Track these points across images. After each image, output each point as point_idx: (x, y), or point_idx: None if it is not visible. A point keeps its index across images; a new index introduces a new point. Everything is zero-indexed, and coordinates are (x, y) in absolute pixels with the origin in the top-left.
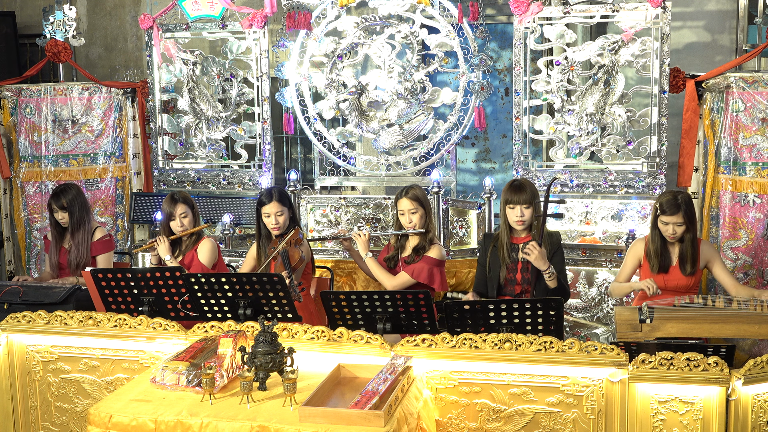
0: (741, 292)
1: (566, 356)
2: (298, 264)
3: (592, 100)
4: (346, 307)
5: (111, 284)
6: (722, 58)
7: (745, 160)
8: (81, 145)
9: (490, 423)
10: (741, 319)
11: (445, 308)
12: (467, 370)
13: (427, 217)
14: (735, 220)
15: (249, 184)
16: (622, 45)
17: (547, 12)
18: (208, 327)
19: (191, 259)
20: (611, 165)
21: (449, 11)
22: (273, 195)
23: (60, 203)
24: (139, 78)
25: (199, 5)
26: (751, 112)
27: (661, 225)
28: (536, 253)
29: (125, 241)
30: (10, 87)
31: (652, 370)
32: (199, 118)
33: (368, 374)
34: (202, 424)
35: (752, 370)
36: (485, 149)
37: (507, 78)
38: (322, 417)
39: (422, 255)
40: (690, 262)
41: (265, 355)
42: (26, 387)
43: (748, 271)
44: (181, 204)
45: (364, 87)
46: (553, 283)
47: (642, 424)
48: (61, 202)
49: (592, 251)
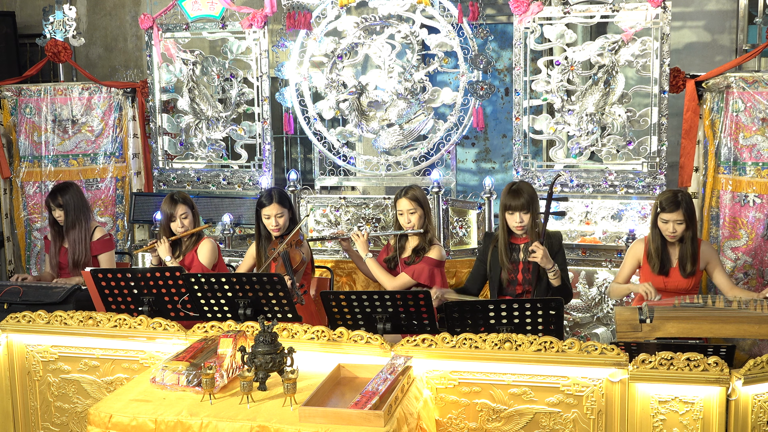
0: (737, 295)
1: (566, 356)
2: (300, 266)
3: (592, 100)
4: (346, 307)
5: (111, 284)
6: (722, 58)
7: (745, 160)
8: (81, 145)
9: (490, 423)
10: (741, 319)
11: (445, 308)
12: (467, 370)
13: (426, 218)
14: (735, 220)
15: (249, 184)
16: (622, 45)
17: (547, 12)
18: (208, 327)
19: (191, 259)
20: (611, 165)
21: (449, 11)
22: (273, 196)
23: (56, 201)
24: (139, 78)
25: (199, 5)
26: (751, 112)
27: (661, 224)
28: (541, 252)
29: (125, 241)
30: (10, 87)
31: (652, 370)
32: (199, 118)
33: (368, 374)
34: (202, 424)
35: (752, 370)
36: (485, 149)
37: (507, 78)
38: (322, 417)
39: (422, 256)
40: (690, 261)
41: (265, 355)
42: (26, 387)
43: (748, 271)
44: (181, 205)
45: (364, 87)
46: (557, 281)
47: (642, 424)
48: (58, 200)
49: (592, 251)
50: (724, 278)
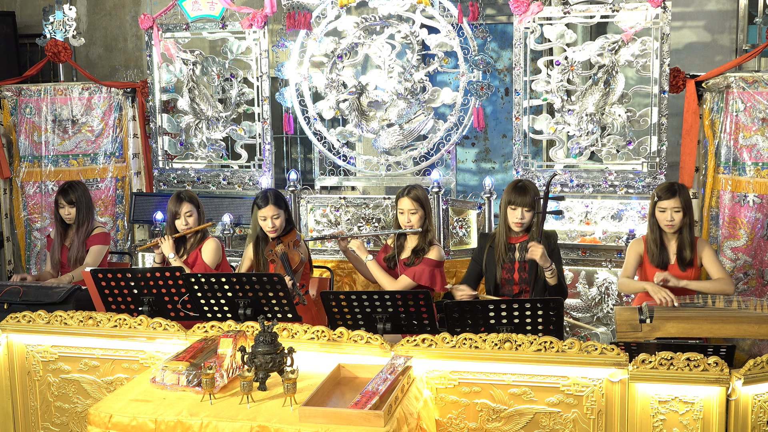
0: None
1: (566, 356)
2: (299, 266)
3: (592, 100)
4: (346, 307)
5: (111, 284)
6: (722, 58)
7: (744, 160)
8: (81, 145)
9: (490, 423)
10: (741, 319)
11: (445, 308)
12: (467, 370)
13: (427, 219)
14: (735, 220)
15: (249, 184)
16: (622, 45)
17: (547, 12)
18: (208, 327)
19: (195, 258)
20: (611, 165)
21: (449, 11)
22: (269, 198)
23: (68, 198)
24: (139, 78)
25: (199, 5)
26: (751, 112)
27: (659, 213)
28: (540, 250)
29: (125, 241)
30: (10, 87)
31: (652, 370)
32: (199, 118)
33: (368, 374)
34: (202, 424)
35: (752, 370)
36: (485, 149)
37: (507, 78)
38: (322, 417)
39: (421, 257)
40: (688, 248)
41: (265, 355)
42: (26, 387)
43: (747, 271)
44: (186, 203)
45: (364, 87)
46: (554, 280)
47: (642, 424)
48: (70, 197)
49: (592, 251)
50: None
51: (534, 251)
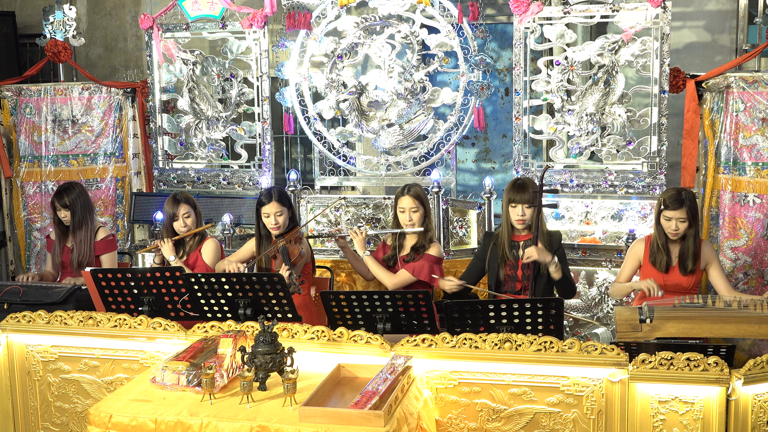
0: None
1: (566, 356)
2: (298, 259)
3: (592, 100)
4: (346, 307)
5: (111, 284)
6: (722, 58)
7: (745, 160)
8: (81, 145)
9: (490, 423)
10: (741, 319)
11: (445, 308)
12: (467, 370)
13: (427, 217)
14: (735, 220)
15: (249, 184)
16: (622, 45)
17: (547, 12)
18: (208, 327)
19: (195, 259)
20: (611, 165)
21: (449, 11)
22: (272, 195)
23: (63, 201)
24: (139, 78)
25: (199, 5)
26: (751, 112)
27: (664, 221)
28: (535, 252)
29: (125, 241)
30: (10, 87)
31: (652, 370)
32: (199, 118)
33: (368, 374)
34: (202, 424)
35: (752, 370)
36: (485, 149)
37: (507, 78)
38: (322, 417)
39: (422, 253)
40: (691, 258)
41: (265, 355)
42: (26, 387)
43: (748, 271)
44: (183, 204)
45: (364, 87)
46: (558, 274)
47: (642, 424)
48: (64, 200)
49: (592, 251)
50: (722, 280)
51: (529, 253)
